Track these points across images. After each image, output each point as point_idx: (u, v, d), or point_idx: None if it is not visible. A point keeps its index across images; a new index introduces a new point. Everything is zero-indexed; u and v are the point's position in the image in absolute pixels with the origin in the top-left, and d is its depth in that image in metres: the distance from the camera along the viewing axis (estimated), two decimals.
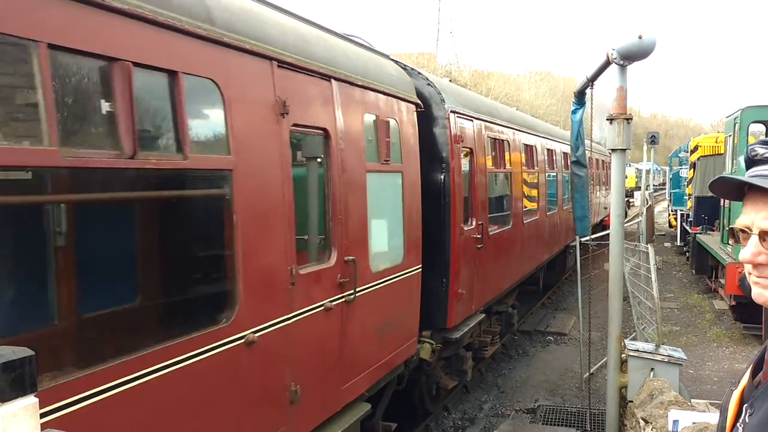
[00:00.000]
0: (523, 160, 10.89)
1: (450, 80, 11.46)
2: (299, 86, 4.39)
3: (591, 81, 7.23)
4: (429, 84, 7.15)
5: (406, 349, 6.22)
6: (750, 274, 1.44)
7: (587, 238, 9.19)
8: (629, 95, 6.31)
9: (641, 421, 5.65)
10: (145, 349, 3.05)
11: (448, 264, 7.05)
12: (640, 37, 5.80)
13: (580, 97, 8.16)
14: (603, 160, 21.47)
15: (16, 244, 3.44)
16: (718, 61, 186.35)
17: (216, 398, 3.52)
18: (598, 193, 20.93)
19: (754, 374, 1.50)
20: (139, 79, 3.01)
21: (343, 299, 4.91)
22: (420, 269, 6.45)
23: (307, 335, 4.43)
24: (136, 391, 2.95)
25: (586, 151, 8.45)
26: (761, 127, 14.17)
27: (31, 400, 1.53)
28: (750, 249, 1.41)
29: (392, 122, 5.90)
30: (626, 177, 36.04)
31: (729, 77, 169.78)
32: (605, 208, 21.00)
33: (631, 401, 6.34)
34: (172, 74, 3.24)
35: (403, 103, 6.20)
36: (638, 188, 28.83)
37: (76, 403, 2.67)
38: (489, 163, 8.84)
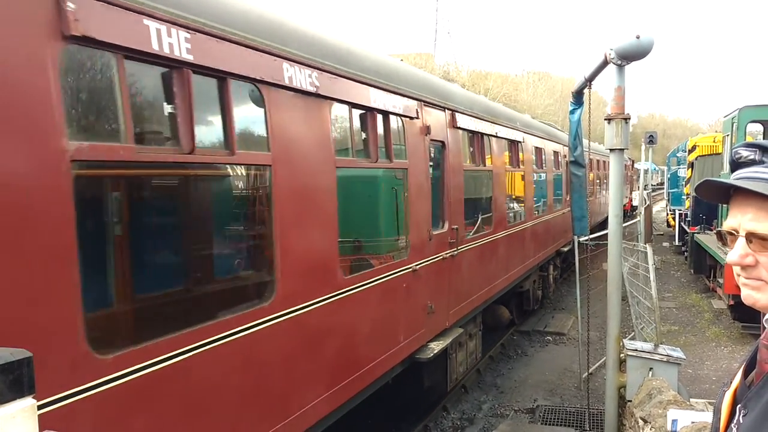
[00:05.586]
0: (598, 166, 21.65)
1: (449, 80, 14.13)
2: (546, 146, 13.52)
3: (589, 81, 7.25)
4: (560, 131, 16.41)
5: (566, 242, 14.98)
6: (738, 275, 1.44)
7: (585, 237, 9.19)
8: (627, 95, 6.33)
9: (640, 420, 5.66)
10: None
11: None
12: (637, 37, 5.82)
13: (578, 97, 8.17)
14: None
15: None
16: (716, 60, 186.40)
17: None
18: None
19: (746, 374, 1.49)
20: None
21: (560, 213, 14.76)
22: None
23: (549, 224, 13.74)
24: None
25: (584, 152, 8.55)
26: (759, 127, 14.14)
27: (29, 402, 1.53)
28: (737, 251, 1.41)
29: (558, 153, 14.84)
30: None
31: (727, 77, 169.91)
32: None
33: (630, 401, 6.35)
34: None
35: (562, 146, 14.70)
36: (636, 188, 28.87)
37: None
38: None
